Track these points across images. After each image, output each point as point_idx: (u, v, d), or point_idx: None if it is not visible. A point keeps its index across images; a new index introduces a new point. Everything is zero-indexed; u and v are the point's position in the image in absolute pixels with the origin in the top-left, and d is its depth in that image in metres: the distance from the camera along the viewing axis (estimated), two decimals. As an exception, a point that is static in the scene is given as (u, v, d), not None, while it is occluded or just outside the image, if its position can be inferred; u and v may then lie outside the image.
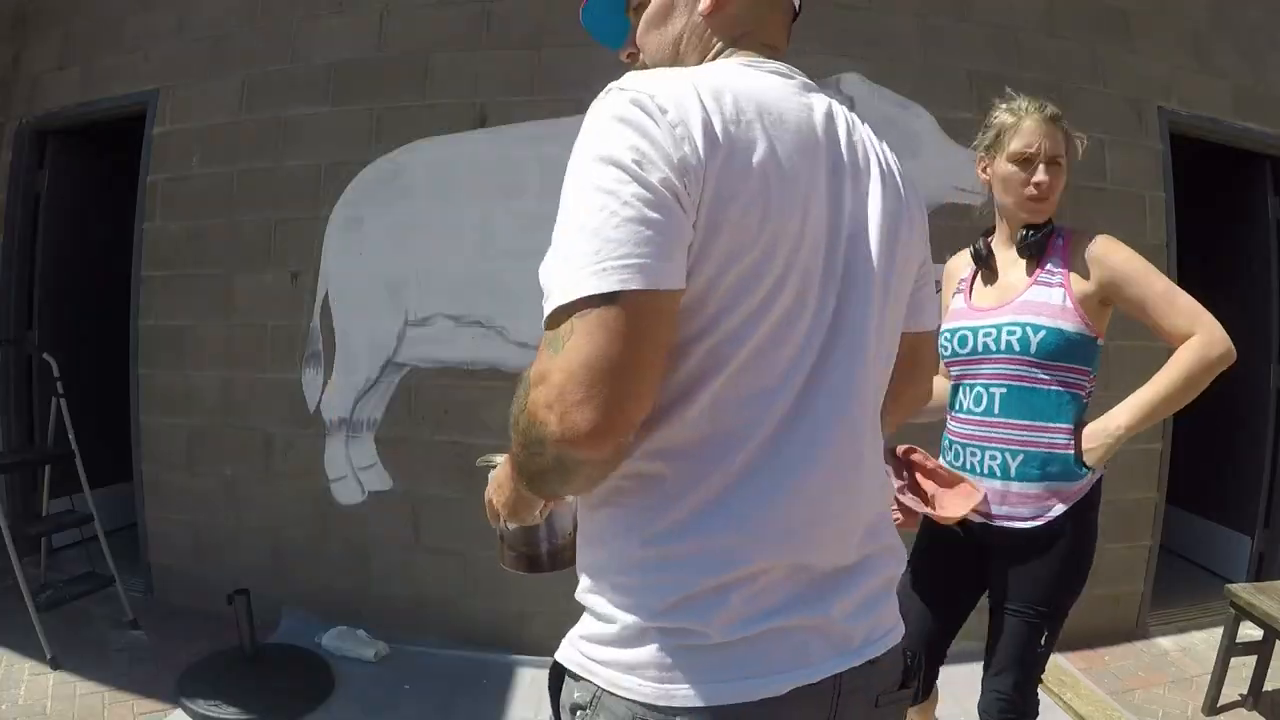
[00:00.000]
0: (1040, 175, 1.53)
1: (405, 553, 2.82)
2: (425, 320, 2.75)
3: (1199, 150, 3.14)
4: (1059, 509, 1.46)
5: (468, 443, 2.73)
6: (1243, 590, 2.41)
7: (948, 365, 1.58)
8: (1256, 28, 3.20)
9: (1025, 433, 1.46)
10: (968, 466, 1.51)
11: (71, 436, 2.86)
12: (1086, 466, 1.49)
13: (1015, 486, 1.45)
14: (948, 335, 1.56)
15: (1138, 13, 2.98)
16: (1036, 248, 1.51)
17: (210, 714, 2.30)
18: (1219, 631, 2.47)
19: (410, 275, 2.75)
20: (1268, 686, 2.44)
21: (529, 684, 2.55)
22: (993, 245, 1.61)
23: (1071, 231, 1.55)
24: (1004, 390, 1.46)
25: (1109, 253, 1.46)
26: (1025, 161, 1.54)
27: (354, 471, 2.84)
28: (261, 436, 2.92)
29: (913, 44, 2.76)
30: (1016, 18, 2.85)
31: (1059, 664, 2.69)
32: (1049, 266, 1.49)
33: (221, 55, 3.01)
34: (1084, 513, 1.49)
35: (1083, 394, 1.53)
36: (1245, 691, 2.46)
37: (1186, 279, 2.97)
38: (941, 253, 2.80)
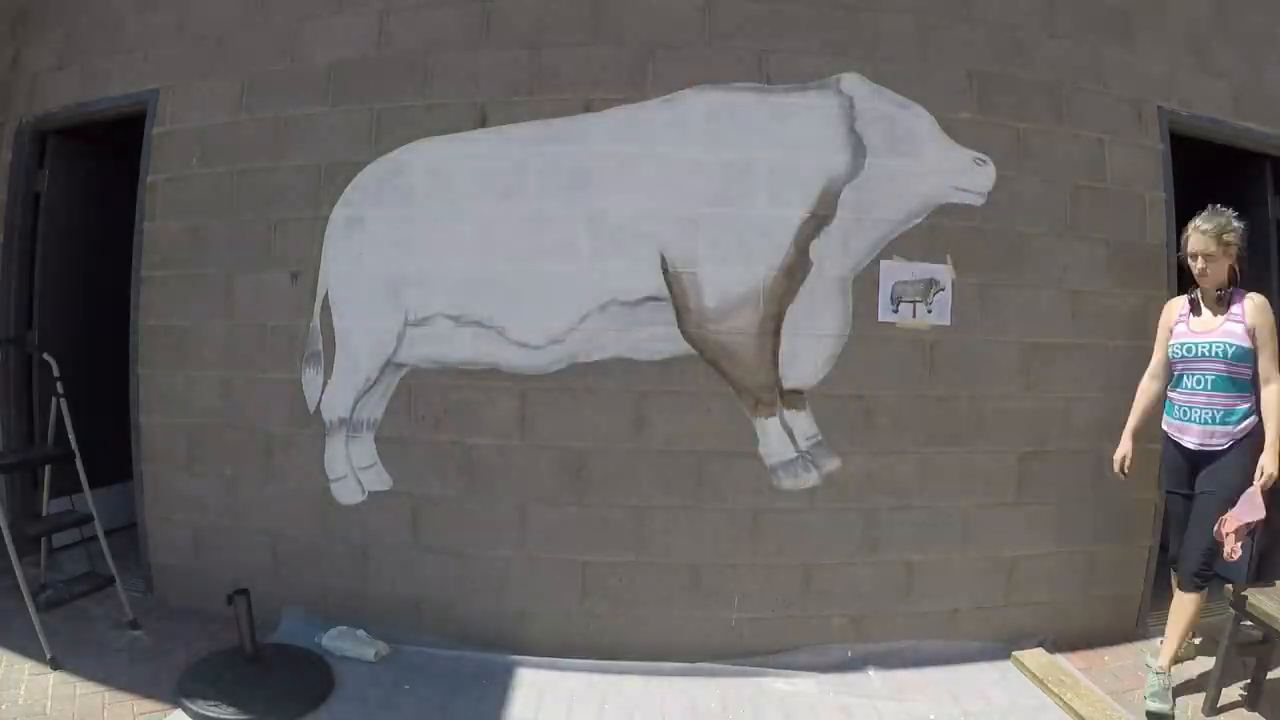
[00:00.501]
0: (1198, 265, 2.54)
1: (405, 553, 2.82)
2: (425, 320, 2.75)
3: (1199, 150, 3.14)
4: (1235, 439, 2.46)
5: (468, 443, 2.74)
6: (1243, 590, 2.40)
7: (1174, 363, 2.58)
8: (1256, 28, 3.20)
9: (1225, 400, 2.45)
10: (1191, 419, 2.51)
11: (71, 436, 2.87)
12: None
13: (1218, 429, 2.45)
14: (1178, 346, 2.56)
15: (1138, 12, 2.98)
16: (1225, 300, 2.52)
17: (210, 714, 2.30)
18: (1219, 632, 2.47)
19: (410, 275, 2.75)
20: (1268, 687, 2.44)
21: (529, 684, 2.55)
22: (1199, 297, 2.59)
23: (1244, 293, 2.52)
24: (1214, 377, 2.47)
25: (1261, 310, 2.47)
26: (1192, 258, 2.56)
27: (354, 471, 2.84)
28: (261, 436, 2.92)
29: (913, 44, 2.76)
30: (1016, 18, 2.85)
31: (1059, 664, 2.69)
32: (1233, 310, 2.49)
33: (221, 55, 3.01)
34: (1246, 440, 2.44)
35: (1249, 380, 2.45)
36: (1245, 692, 2.46)
37: (1187, 279, 2.98)
38: (941, 252, 2.84)
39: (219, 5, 3.04)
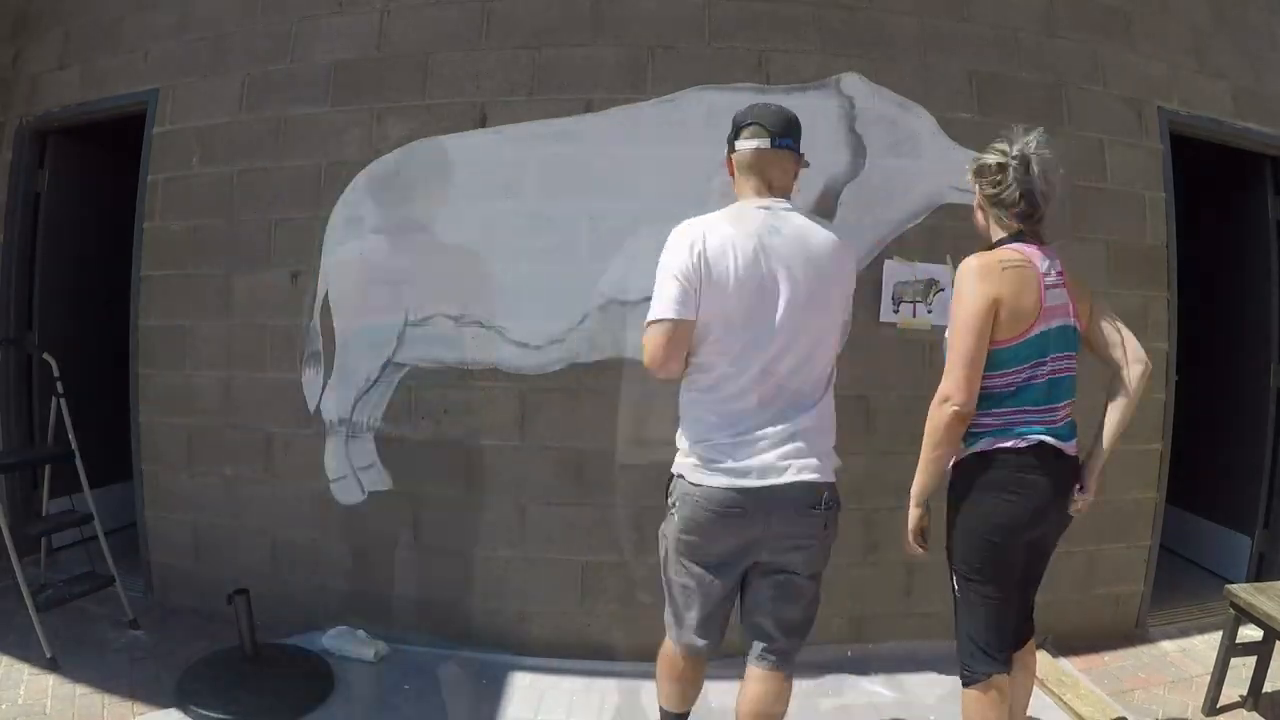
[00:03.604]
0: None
1: (405, 553, 2.82)
2: (425, 320, 2.75)
3: (1199, 150, 3.14)
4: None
5: (467, 443, 2.73)
6: (1243, 590, 2.41)
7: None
8: (1257, 28, 3.20)
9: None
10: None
11: (71, 436, 2.87)
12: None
13: None
14: None
15: (1138, 13, 2.98)
16: None
17: (210, 714, 2.30)
18: (1219, 632, 2.47)
19: (410, 275, 2.75)
20: (1268, 687, 2.44)
21: (529, 684, 2.54)
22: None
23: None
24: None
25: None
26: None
27: (354, 471, 2.84)
28: (261, 436, 2.92)
29: (913, 44, 2.76)
30: (1016, 18, 2.85)
31: (1059, 664, 2.69)
32: None
33: (222, 55, 3.01)
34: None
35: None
36: (1245, 692, 2.46)
37: (1186, 279, 2.99)
38: (942, 252, 2.83)
39: (219, 5, 3.04)
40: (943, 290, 2.72)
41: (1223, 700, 2.44)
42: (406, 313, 2.76)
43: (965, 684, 1.80)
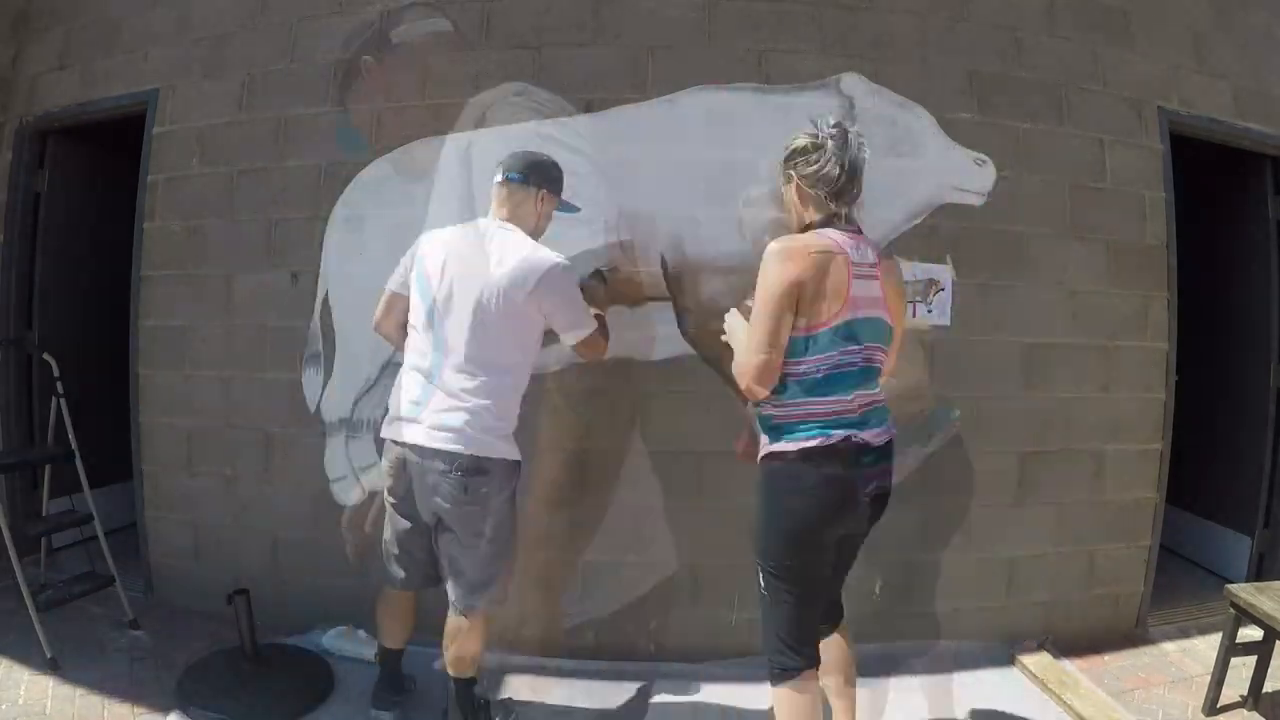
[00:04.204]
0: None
1: (405, 553, 2.81)
2: (425, 320, 2.75)
3: (1199, 149, 3.14)
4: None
5: (468, 443, 2.73)
6: (1243, 590, 2.41)
7: None
8: (1257, 27, 3.20)
9: None
10: None
11: (71, 436, 2.86)
12: None
13: None
14: None
15: (1138, 13, 2.98)
16: None
17: (210, 714, 2.30)
18: (1219, 631, 2.47)
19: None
20: (1268, 687, 2.44)
21: (528, 684, 2.54)
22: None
23: None
24: None
25: None
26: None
27: (354, 471, 2.84)
28: (261, 436, 2.92)
29: (913, 44, 2.76)
30: (1016, 18, 2.85)
31: (1060, 664, 2.69)
32: None
33: (222, 55, 3.01)
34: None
35: None
36: (1245, 692, 2.46)
37: (1187, 279, 2.99)
38: (942, 252, 2.83)
39: (219, 5, 3.04)
40: (943, 290, 2.72)
41: (1223, 700, 2.44)
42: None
43: (774, 682, 1.78)
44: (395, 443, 2.03)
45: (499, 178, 2.05)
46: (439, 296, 1.98)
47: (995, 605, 2.81)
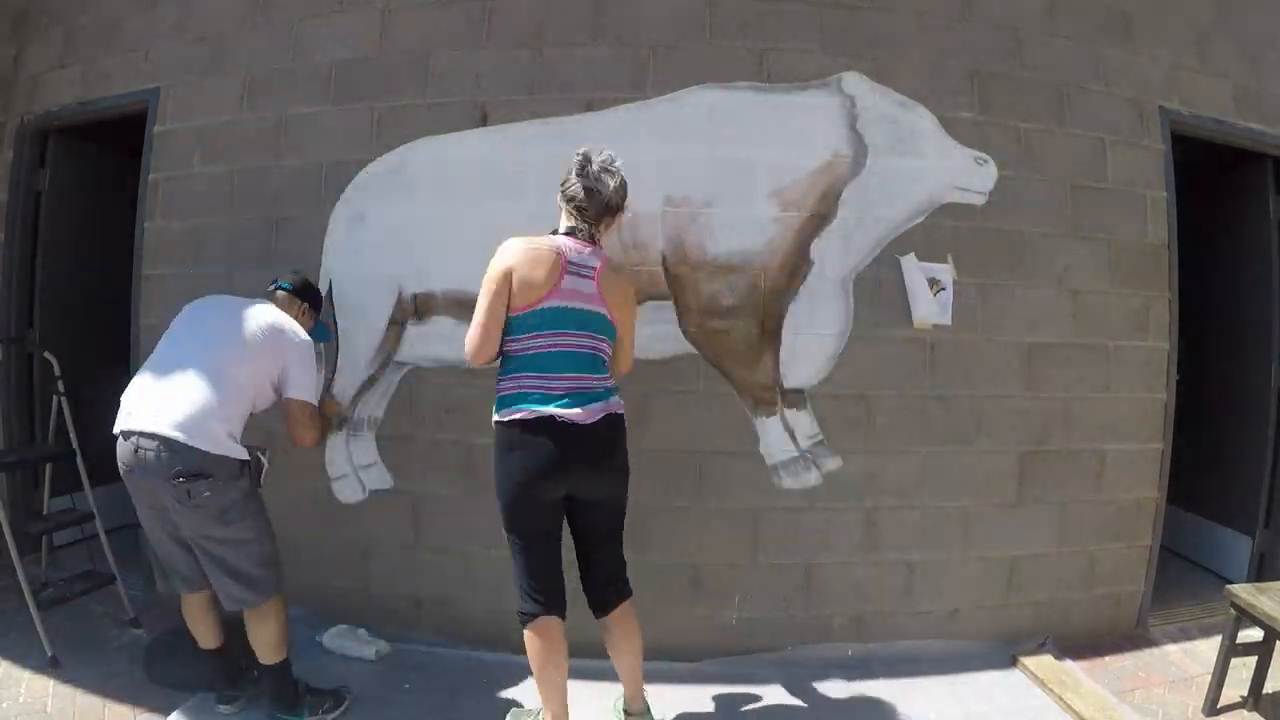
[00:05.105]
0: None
1: (406, 552, 2.82)
2: (426, 319, 2.75)
3: (1199, 149, 3.14)
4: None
5: (468, 441, 2.73)
6: (1243, 590, 2.41)
7: None
8: (1258, 27, 3.20)
9: None
10: None
11: (72, 435, 2.87)
12: None
13: None
14: None
15: (1139, 12, 2.98)
16: None
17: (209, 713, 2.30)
18: (1219, 632, 2.47)
19: (411, 274, 2.75)
20: (1268, 688, 2.44)
21: (529, 684, 2.54)
22: None
23: None
24: None
25: None
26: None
27: (355, 470, 2.84)
28: (262, 435, 2.91)
29: (914, 43, 2.76)
30: (1017, 18, 2.85)
31: (1060, 664, 2.69)
32: None
33: (222, 54, 3.01)
34: None
35: None
36: (1246, 692, 2.46)
37: (1187, 279, 2.99)
38: (943, 252, 2.84)
39: (220, 4, 3.04)
40: (944, 290, 2.72)
41: (1223, 700, 2.44)
42: (407, 312, 2.76)
43: (522, 625, 2.08)
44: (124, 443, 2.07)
45: (272, 286, 2.40)
46: (190, 330, 2.21)
47: (995, 605, 2.81)
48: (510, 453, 1.97)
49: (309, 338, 2.28)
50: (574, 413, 1.95)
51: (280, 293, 2.38)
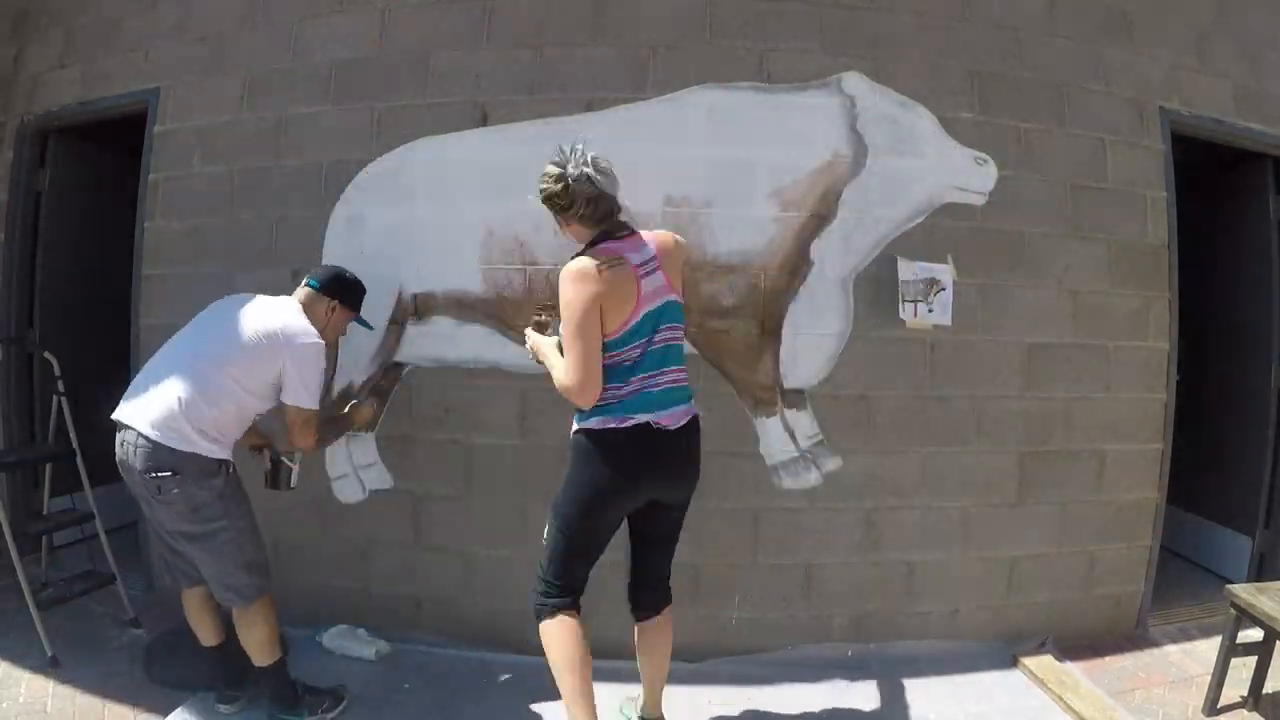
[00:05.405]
0: None
1: (406, 552, 2.82)
2: (426, 319, 2.75)
3: (1199, 149, 3.14)
4: None
5: (468, 441, 2.74)
6: (1243, 591, 2.41)
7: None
8: (1258, 27, 3.20)
9: None
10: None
11: (72, 434, 2.87)
12: None
13: None
14: None
15: (1139, 12, 2.98)
16: None
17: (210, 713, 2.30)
18: (1219, 632, 2.47)
19: (411, 274, 2.75)
20: (1268, 688, 2.44)
21: (529, 684, 2.54)
22: None
23: None
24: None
25: None
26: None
27: (355, 470, 2.84)
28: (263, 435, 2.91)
29: (914, 43, 2.76)
30: (1017, 18, 2.85)
31: (1060, 664, 2.69)
32: None
33: (222, 54, 3.01)
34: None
35: None
36: (1246, 692, 2.46)
37: (1187, 279, 2.99)
38: (943, 252, 2.84)
39: (220, 4, 3.04)
40: (944, 290, 2.72)
41: (1223, 701, 2.44)
42: (407, 312, 2.76)
43: (543, 616, 1.98)
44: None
45: (303, 282, 2.35)
46: (200, 326, 2.24)
47: (995, 605, 2.81)
48: (597, 461, 1.90)
49: (317, 340, 2.20)
50: (667, 416, 1.91)
51: (304, 290, 2.33)
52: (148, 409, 2.05)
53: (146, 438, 2.02)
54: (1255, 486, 3.29)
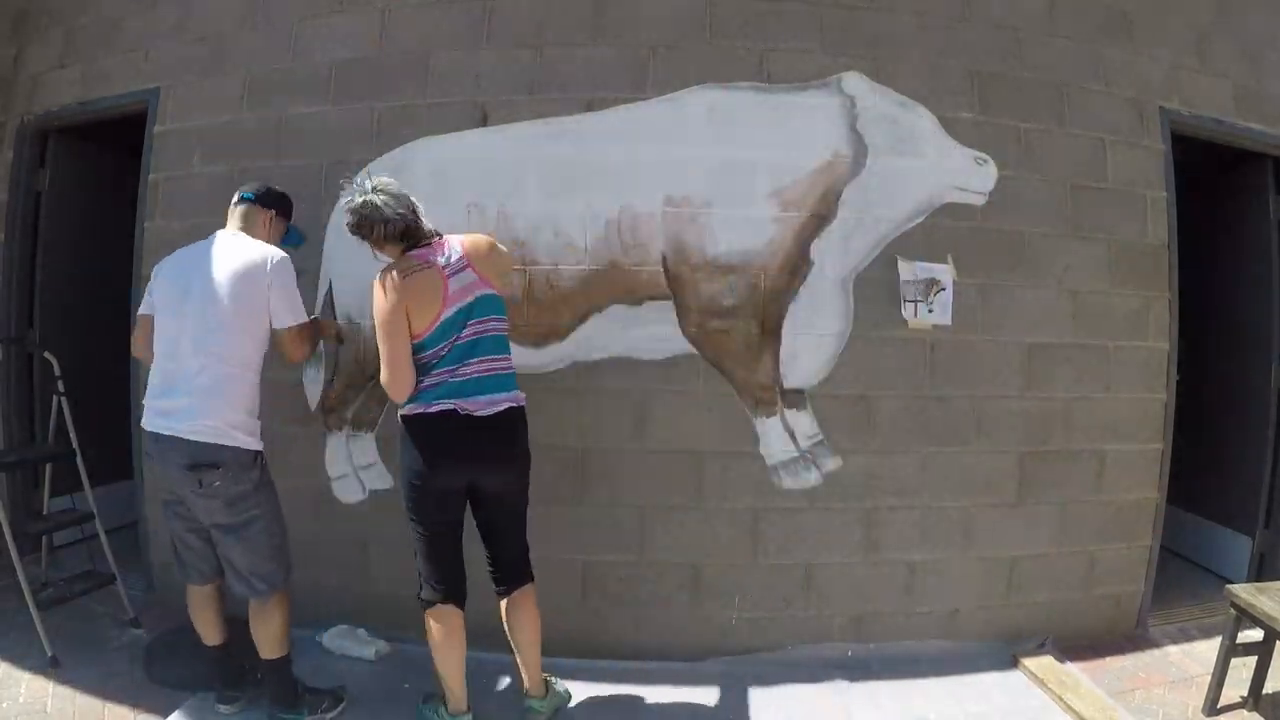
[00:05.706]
0: None
1: (405, 551, 2.80)
2: (426, 319, 2.75)
3: (1199, 149, 3.14)
4: None
5: (468, 442, 2.73)
6: (1243, 590, 2.41)
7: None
8: (1258, 27, 3.20)
9: None
10: None
11: (72, 434, 2.87)
12: None
13: None
14: None
15: (1139, 12, 2.98)
16: None
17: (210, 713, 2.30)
18: (1219, 632, 2.47)
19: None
20: (1268, 688, 2.44)
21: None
22: None
23: None
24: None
25: None
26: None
27: (355, 470, 2.84)
28: (263, 435, 2.91)
29: (914, 43, 2.76)
30: (1017, 18, 2.85)
31: (1060, 664, 2.69)
32: None
33: (222, 54, 3.01)
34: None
35: None
36: (1246, 692, 2.46)
37: (1187, 279, 2.99)
38: (943, 252, 2.84)
39: (220, 4, 3.04)
40: (943, 290, 2.72)
41: (1223, 701, 2.44)
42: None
43: (423, 608, 2.17)
44: (146, 431, 2.15)
45: (236, 198, 2.31)
46: (178, 302, 2.14)
47: (995, 605, 2.81)
48: (413, 447, 2.07)
49: (281, 254, 2.20)
50: (478, 402, 2.03)
51: (242, 206, 2.29)
52: (181, 411, 2.07)
53: (185, 439, 2.06)
54: (1255, 486, 3.29)
